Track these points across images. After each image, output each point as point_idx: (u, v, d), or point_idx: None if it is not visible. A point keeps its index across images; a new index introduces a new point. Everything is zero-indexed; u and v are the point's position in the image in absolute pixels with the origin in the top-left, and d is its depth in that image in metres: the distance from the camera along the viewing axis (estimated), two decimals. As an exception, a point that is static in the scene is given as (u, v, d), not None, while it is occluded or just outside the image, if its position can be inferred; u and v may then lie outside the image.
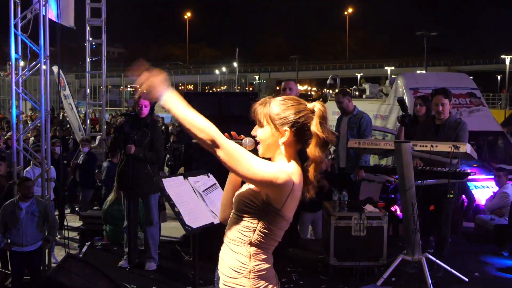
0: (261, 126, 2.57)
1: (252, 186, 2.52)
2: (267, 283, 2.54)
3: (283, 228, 2.56)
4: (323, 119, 2.51)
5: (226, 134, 2.64)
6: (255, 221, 2.50)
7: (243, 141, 2.64)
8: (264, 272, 2.54)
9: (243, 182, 2.69)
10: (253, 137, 2.62)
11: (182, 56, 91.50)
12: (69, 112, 15.00)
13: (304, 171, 2.55)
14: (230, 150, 2.38)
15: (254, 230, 2.51)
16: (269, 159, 2.61)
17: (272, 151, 2.58)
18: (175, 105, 2.39)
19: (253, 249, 2.52)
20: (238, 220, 2.56)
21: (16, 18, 7.81)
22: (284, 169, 2.46)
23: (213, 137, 2.36)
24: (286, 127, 2.50)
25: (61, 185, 9.90)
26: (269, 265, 2.57)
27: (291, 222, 2.63)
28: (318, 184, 2.53)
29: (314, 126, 2.50)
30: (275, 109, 2.52)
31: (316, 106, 2.54)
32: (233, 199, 2.63)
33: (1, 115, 29.31)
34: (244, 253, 2.53)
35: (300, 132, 2.52)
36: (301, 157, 2.60)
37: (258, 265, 2.53)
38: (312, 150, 2.50)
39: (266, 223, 2.49)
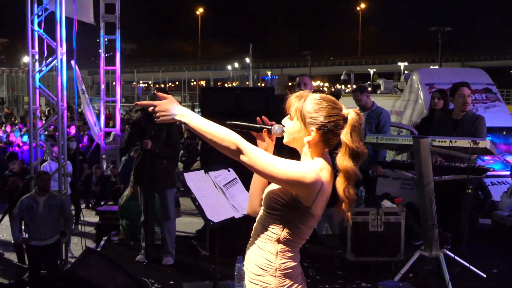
0: (291, 119, 2.54)
1: None
2: (292, 282, 2.51)
3: (312, 226, 2.54)
4: (354, 129, 2.44)
5: (258, 118, 2.63)
6: (285, 219, 2.48)
7: (272, 127, 2.60)
8: (290, 271, 2.51)
9: None
10: (283, 125, 2.59)
11: (194, 52, 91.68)
12: (86, 107, 15.08)
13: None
14: (254, 154, 2.37)
15: (283, 228, 2.48)
16: (295, 149, 2.60)
17: (298, 145, 2.56)
18: (192, 120, 2.40)
19: (280, 246, 2.50)
20: (267, 217, 2.54)
21: (33, 15, 7.85)
22: (312, 167, 2.44)
23: (236, 143, 2.36)
24: (313, 127, 2.46)
25: (77, 180, 9.95)
26: (296, 263, 2.54)
27: None
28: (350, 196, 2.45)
29: (344, 135, 2.43)
30: (308, 106, 2.48)
31: (350, 114, 2.47)
32: (263, 196, 2.60)
33: (8, 110, 29.38)
34: (271, 250, 2.51)
35: (326, 136, 2.48)
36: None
37: (284, 263, 2.50)
38: (340, 159, 2.44)
39: (295, 221, 2.47)
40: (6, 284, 7.10)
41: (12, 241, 7.32)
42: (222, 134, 2.37)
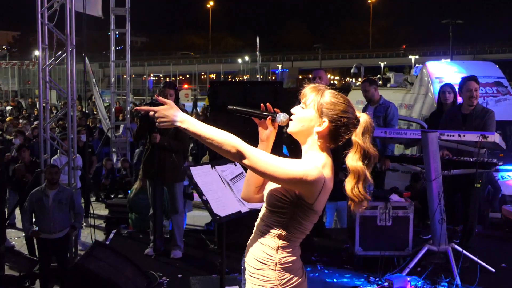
0: (305, 107, 2.55)
1: None
2: (292, 275, 2.53)
3: (314, 221, 2.56)
4: (366, 131, 2.49)
5: (262, 104, 2.63)
6: (287, 216, 2.49)
7: (277, 115, 2.59)
8: (290, 265, 2.53)
9: None
10: (290, 114, 2.58)
11: (204, 45, 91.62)
12: (98, 100, 15.16)
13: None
14: (255, 156, 2.38)
15: (286, 225, 2.50)
16: (296, 141, 2.60)
17: (304, 135, 2.56)
18: (192, 125, 2.40)
19: (281, 242, 2.52)
20: (269, 214, 2.56)
21: (43, 8, 7.87)
22: (314, 164, 2.45)
23: (237, 146, 2.37)
24: (326, 119, 2.49)
25: (87, 173, 10.00)
26: (296, 257, 2.56)
27: None
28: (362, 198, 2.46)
29: (356, 136, 2.49)
30: (326, 98, 2.51)
31: (363, 116, 2.53)
32: (265, 194, 2.61)
33: (14, 103, 29.48)
34: (272, 245, 2.52)
35: (335, 131, 2.50)
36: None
37: (284, 257, 2.52)
38: (350, 159, 2.47)
39: (298, 218, 2.49)
40: (16, 276, 7.16)
41: (23, 234, 7.38)
42: (222, 138, 2.37)
